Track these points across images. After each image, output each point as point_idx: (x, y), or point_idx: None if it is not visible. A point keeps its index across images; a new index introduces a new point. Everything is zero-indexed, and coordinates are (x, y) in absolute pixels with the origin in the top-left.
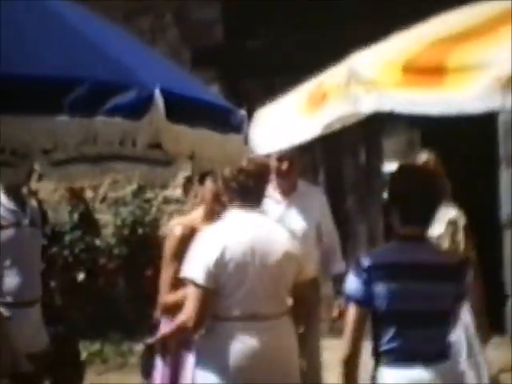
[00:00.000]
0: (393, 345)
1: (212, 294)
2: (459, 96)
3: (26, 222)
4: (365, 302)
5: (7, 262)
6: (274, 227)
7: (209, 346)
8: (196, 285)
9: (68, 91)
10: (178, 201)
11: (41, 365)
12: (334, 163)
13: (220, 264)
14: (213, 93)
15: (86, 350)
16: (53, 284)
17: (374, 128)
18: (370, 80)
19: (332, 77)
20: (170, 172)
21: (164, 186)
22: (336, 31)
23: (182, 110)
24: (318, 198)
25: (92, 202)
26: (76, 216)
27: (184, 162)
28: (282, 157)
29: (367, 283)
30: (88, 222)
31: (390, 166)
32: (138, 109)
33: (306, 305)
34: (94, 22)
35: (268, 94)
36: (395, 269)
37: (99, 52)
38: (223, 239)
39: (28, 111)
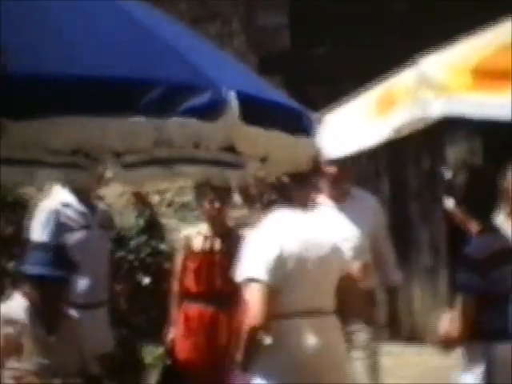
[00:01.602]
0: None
1: (273, 291)
2: None
3: (95, 224)
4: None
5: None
6: (321, 222)
7: (272, 345)
8: (258, 283)
9: (143, 93)
10: (234, 206)
11: (106, 367)
12: (398, 171)
13: (279, 261)
14: (284, 96)
15: (149, 354)
16: (118, 288)
17: (437, 136)
18: (439, 84)
19: (401, 82)
20: (242, 175)
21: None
22: (401, 38)
23: (256, 111)
24: (371, 207)
25: (158, 207)
26: (142, 221)
27: (255, 165)
28: (332, 162)
29: (480, 271)
30: (154, 227)
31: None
32: (213, 110)
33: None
34: (168, 24)
35: (333, 101)
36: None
37: (174, 54)
38: (278, 237)
39: (102, 113)
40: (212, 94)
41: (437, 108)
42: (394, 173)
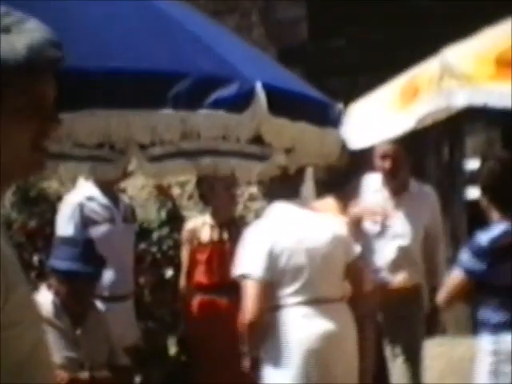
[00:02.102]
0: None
1: (270, 285)
2: None
3: (119, 218)
4: (485, 278)
5: None
6: (317, 214)
7: (277, 337)
8: (252, 279)
9: (171, 85)
10: (252, 198)
11: (132, 359)
12: (418, 161)
13: (273, 255)
14: (309, 87)
15: (174, 345)
16: (142, 280)
17: (456, 126)
18: (463, 74)
19: (424, 72)
20: (267, 166)
21: (249, 183)
22: (421, 28)
23: (283, 103)
24: (429, 200)
25: (179, 199)
26: (164, 213)
27: (280, 157)
28: (385, 155)
29: (490, 263)
30: (175, 219)
31: (473, 164)
32: (241, 102)
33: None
34: (195, 17)
35: (353, 93)
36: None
37: (202, 46)
38: (272, 232)
39: (131, 105)
40: (239, 85)
41: (461, 98)
42: (414, 163)
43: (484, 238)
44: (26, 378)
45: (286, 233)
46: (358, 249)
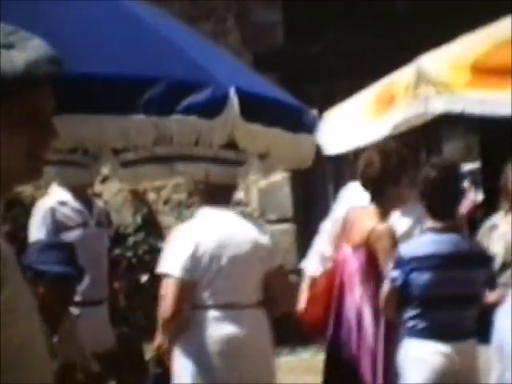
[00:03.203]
0: (425, 322)
1: (189, 285)
2: None
3: (92, 222)
4: (402, 288)
5: None
6: (242, 221)
7: (190, 334)
8: (172, 278)
9: (143, 90)
10: (239, 203)
11: (106, 364)
12: None
13: (194, 257)
14: (284, 92)
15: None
16: (116, 285)
17: (434, 132)
18: (439, 81)
19: (400, 79)
20: (242, 172)
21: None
22: (398, 34)
23: (257, 108)
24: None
25: (155, 204)
26: (139, 218)
27: (254, 162)
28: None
29: (406, 272)
30: (151, 224)
31: None
32: (213, 107)
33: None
34: (168, 22)
35: (329, 98)
36: (434, 259)
37: (175, 51)
38: (196, 235)
39: (103, 111)
40: (212, 90)
41: (438, 104)
42: None
43: (405, 248)
44: (23, 365)
45: (209, 236)
46: (279, 260)
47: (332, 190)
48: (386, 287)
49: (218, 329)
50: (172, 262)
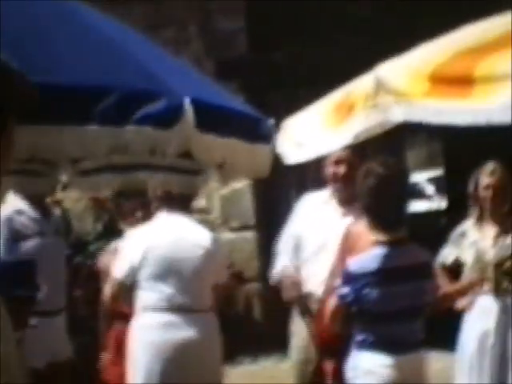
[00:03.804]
0: (374, 336)
1: (129, 287)
2: (487, 106)
3: (50, 231)
4: (353, 303)
5: None
6: (196, 228)
7: (139, 336)
8: (115, 281)
9: (98, 100)
10: (201, 210)
11: (64, 374)
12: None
13: (142, 261)
14: (241, 102)
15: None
16: (77, 294)
17: (397, 140)
18: (398, 90)
19: (359, 87)
20: (200, 181)
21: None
22: (360, 43)
23: (212, 118)
24: None
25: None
26: (100, 225)
27: (212, 171)
28: (339, 160)
29: (357, 288)
30: (112, 232)
31: (414, 178)
32: (168, 118)
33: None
34: (123, 31)
35: (292, 106)
36: (383, 274)
37: (129, 61)
38: (146, 239)
39: (58, 121)
40: (167, 101)
41: (397, 113)
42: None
43: (355, 263)
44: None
45: (159, 240)
46: (225, 277)
47: (294, 196)
48: (333, 302)
49: (168, 332)
50: (120, 265)
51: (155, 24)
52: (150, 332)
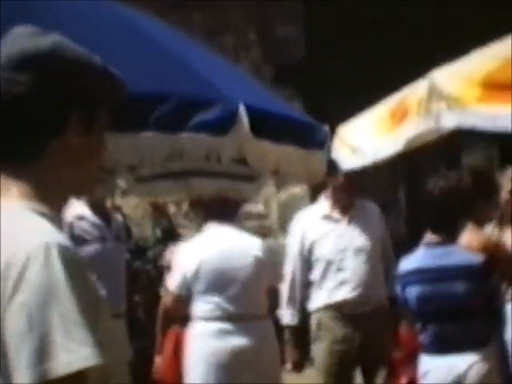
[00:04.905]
0: (430, 337)
1: (184, 299)
2: None
3: (110, 236)
4: (403, 303)
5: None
6: (246, 237)
7: (196, 345)
8: (171, 293)
9: (154, 107)
10: (259, 216)
11: (124, 377)
12: (415, 180)
13: (195, 273)
14: (296, 109)
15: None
16: (136, 298)
17: (453, 144)
18: (451, 96)
19: (413, 93)
20: (254, 187)
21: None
22: (416, 48)
23: (267, 125)
24: (376, 213)
25: (175, 217)
26: (159, 231)
27: (268, 177)
28: (339, 172)
29: (403, 287)
30: (171, 237)
31: None
32: (223, 124)
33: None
34: (179, 38)
35: (348, 112)
36: (420, 273)
37: (185, 68)
38: (198, 251)
39: (115, 128)
40: (222, 108)
41: (449, 119)
42: (411, 182)
43: (403, 262)
44: None
45: (211, 253)
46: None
47: None
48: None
49: (224, 340)
50: (173, 278)
51: (214, 31)
52: (206, 341)
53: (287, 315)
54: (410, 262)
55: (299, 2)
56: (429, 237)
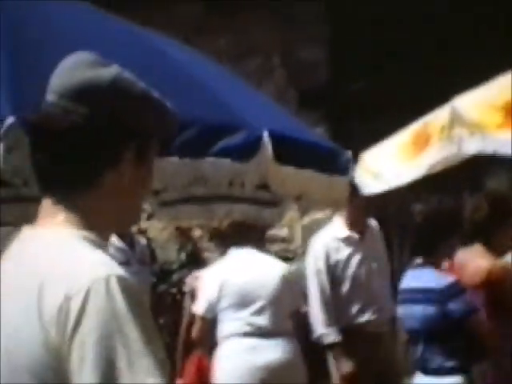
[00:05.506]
0: (416, 357)
1: (211, 321)
2: None
3: (134, 260)
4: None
5: None
6: (269, 260)
7: (224, 363)
8: (199, 316)
9: (178, 133)
10: (283, 240)
11: None
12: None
13: (219, 294)
14: (319, 134)
15: None
16: (161, 321)
17: (477, 168)
18: (472, 122)
19: (436, 119)
20: (277, 212)
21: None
22: (440, 73)
23: (290, 151)
24: (378, 231)
25: (200, 241)
26: (184, 255)
27: (291, 203)
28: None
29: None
30: (195, 261)
31: None
32: (247, 151)
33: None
34: (203, 62)
35: (373, 136)
36: (400, 294)
37: (208, 94)
38: (223, 276)
39: None
40: (246, 134)
41: (471, 146)
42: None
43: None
44: None
45: (236, 277)
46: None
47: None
48: None
49: (252, 355)
50: (199, 301)
51: (238, 55)
52: (234, 358)
53: (329, 334)
54: (401, 283)
55: (324, 24)
56: (416, 259)
